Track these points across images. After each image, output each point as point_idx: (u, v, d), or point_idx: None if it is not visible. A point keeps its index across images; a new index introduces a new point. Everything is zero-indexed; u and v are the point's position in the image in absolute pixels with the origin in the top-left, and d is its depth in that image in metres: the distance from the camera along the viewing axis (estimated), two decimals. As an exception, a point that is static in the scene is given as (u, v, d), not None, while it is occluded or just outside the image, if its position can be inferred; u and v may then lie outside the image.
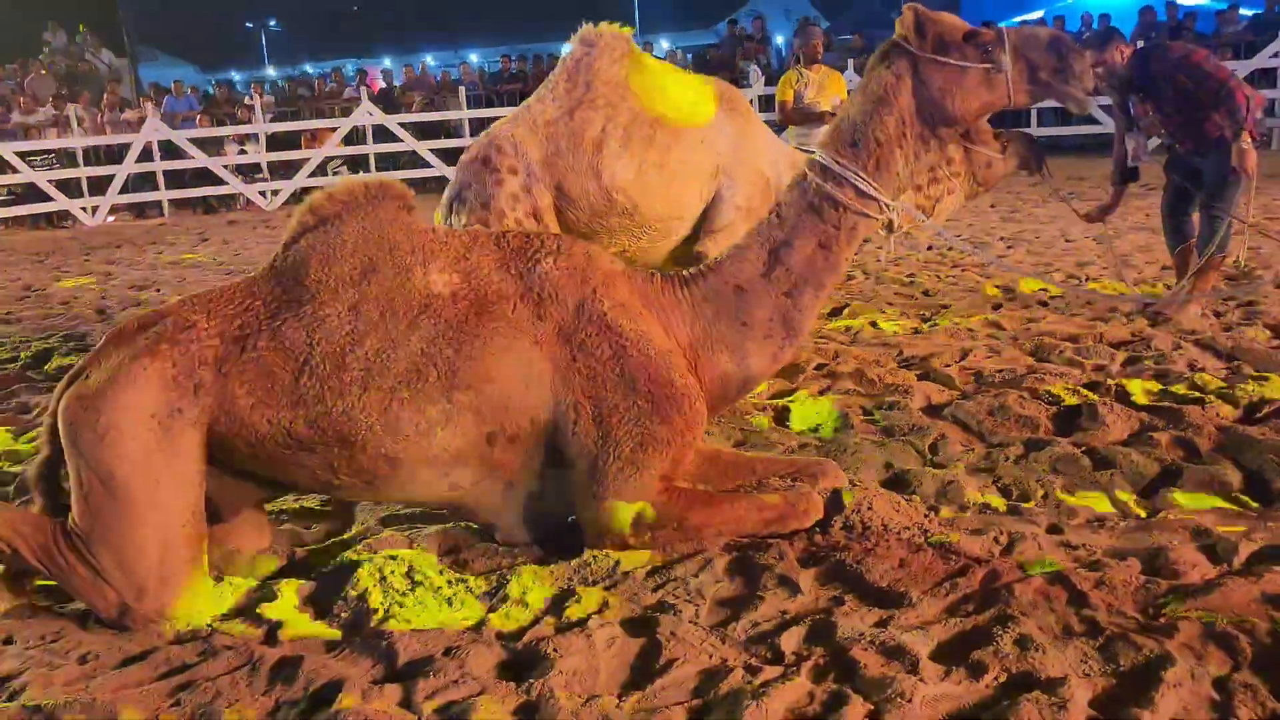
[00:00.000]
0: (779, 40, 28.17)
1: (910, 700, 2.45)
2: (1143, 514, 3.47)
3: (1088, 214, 6.58)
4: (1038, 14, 26.50)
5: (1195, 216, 6.00)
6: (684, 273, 3.61)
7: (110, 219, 15.67)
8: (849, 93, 5.85)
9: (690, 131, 5.22)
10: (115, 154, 16.28)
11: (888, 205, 3.47)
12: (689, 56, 21.28)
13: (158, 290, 9.17)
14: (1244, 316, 5.69)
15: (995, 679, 2.54)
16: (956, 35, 3.43)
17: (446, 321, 3.21)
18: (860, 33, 19.53)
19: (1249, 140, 5.56)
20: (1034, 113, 15.70)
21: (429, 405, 3.15)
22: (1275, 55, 14.75)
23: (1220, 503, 3.51)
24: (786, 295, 3.49)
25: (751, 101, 16.89)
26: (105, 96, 17.95)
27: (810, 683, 2.58)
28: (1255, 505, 3.50)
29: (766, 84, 16.95)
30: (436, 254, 3.31)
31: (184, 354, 3.09)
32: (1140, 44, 6.31)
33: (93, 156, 16.36)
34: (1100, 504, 3.56)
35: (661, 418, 3.28)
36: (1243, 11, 17.74)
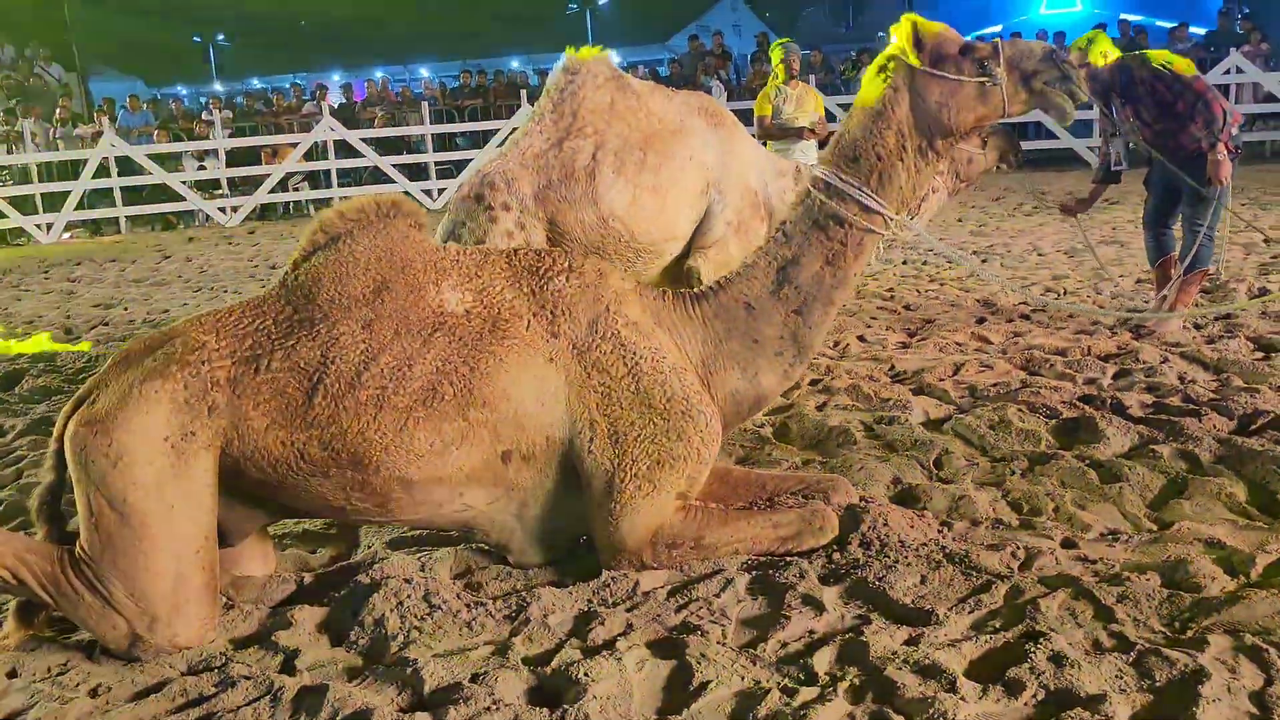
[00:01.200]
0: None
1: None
2: (1154, 527, 3.49)
3: (1063, 204, 6.75)
4: (995, 28, 26.93)
5: (1176, 229, 6.09)
6: (695, 290, 3.60)
7: (66, 236, 15.38)
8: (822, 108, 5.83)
9: (679, 150, 5.17)
10: (69, 170, 16.00)
11: (892, 219, 3.48)
12: (645, 71, 21.33)
13: (125, 309, 9.00)
14: (1225, 329, 5.77)
15: (1034, 696, 2.54)
16: (953, 48, 3.45)
17: (461, 339, 3.17)
18: (816, 49, 19.65)
19: (1224, 152, 5.66)
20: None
21: (445, 424, 3.10)
22: (1228, 72, 15.04)
23: (1230, 515, 3.53)
24: (796, 313, 3.48)
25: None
26: (57, 111, 17.62)
27: (849, 704, 2.57)
28: (1264, 517, 3.52)
29: (729, 99, 17.05)
30: (449, 272, 3.27)
31: (195, 375, 3.02)
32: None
33: (45, 173, 16.06)
34: (1112, 518, 3.57)
35: (678, 435, 3.26)
36: (1193, 29, 18.14)
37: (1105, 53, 5.96)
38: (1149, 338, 5.66)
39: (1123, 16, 21.34)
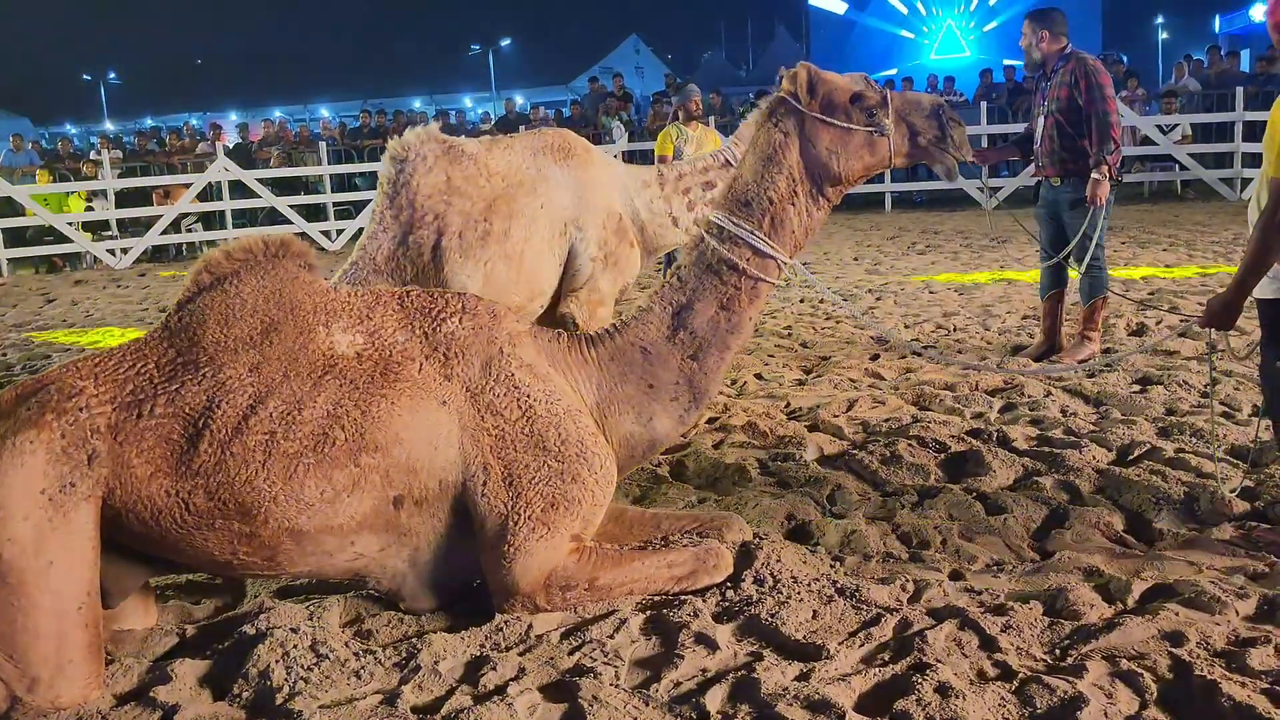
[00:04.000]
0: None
1: (842, 754, 2.46)
2: (1037, 557, 3.59)
3: (976, 154, 6.73)
4: (891, 71, 27.72)
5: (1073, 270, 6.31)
6: (590, 333, 3.60)
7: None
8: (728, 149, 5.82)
9: (527, 203, 4.93)
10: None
11: (785, 263, 3.53)
12: (550, 113, 21.46)
13: (3, 355, 8.69)
14: (1105, 364, 5.97)
15: (921, 728, 2.57)
16: (844, 97, 3.53)
17: (352, 382, 3.12)
18: (716, 91, 20.01)
19: (1105, 173, 5.92)
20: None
21: (336, 470, 3.05)
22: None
23: (1108, 543, 3.65)
24: (692, 358, 3.50)
25: (617, 157, 17.20)
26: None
27: (740, 741, 2.57)
28: (1140, 545, 3.65)
29: (630, 139, 17.23)
30: (340, 313, 3.22)
31: (73, 423, 2.92)
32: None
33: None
34: (997, 549, 3.66)
35: (572, 478, 3.25)
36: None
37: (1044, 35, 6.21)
38: (1033, 374, 5.84)
39: (1007, 62, 22.15)
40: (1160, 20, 49.22)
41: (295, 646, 3.04)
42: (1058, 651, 2.91)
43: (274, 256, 3.23)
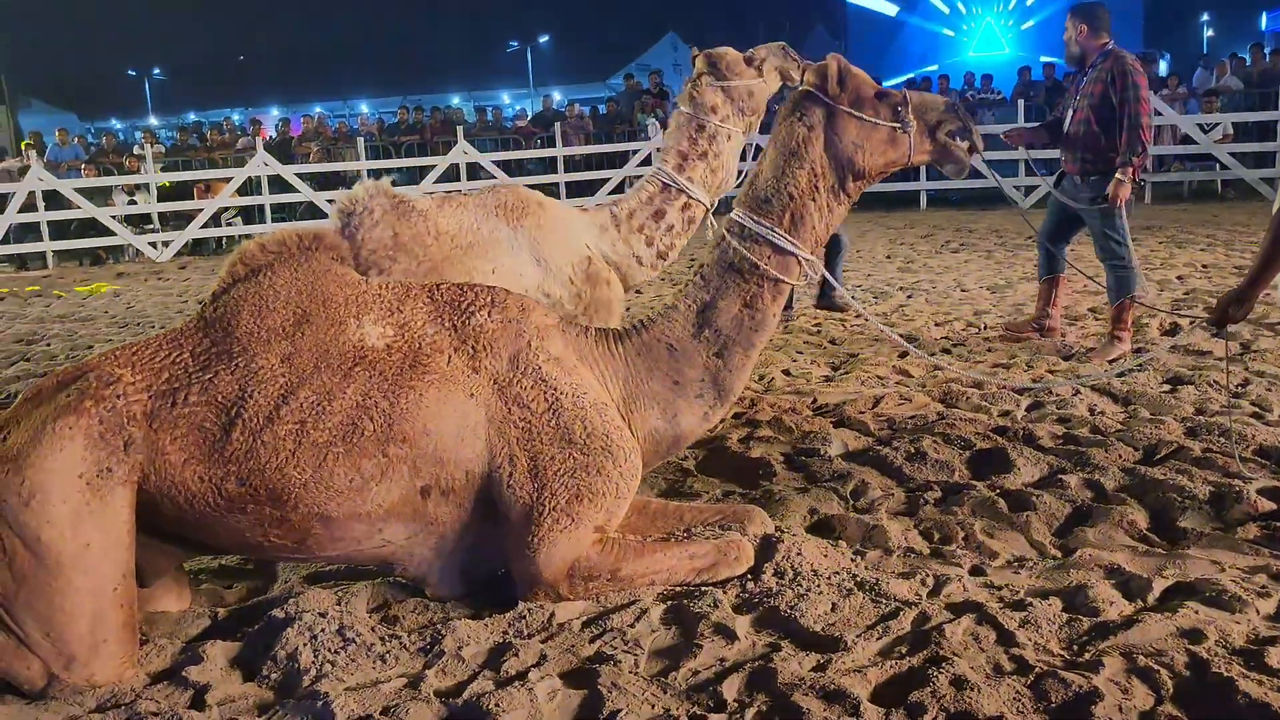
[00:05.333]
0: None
1: (855, 743, 2.49)
2: (1059, 554, 3.60)
3: (1007, 133, 6.83)
4: (932, 68, 27.55)
5: (1068, 250, 6.36)
6: (618, 328, 3.64)
7: (-9, 270, 15.11)
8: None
9: (479, 266, 4.57)
10: (-1, 203, 15.76)
11: (806, 260, 3.56)
12: (586, 109, 21.51)
13: (46, 345, 8.86)
14: (1135, 365, 5.94)
15: (934, 718, 2.60)
16: (871, 91, 3.57)
17: (381, 374, 3.19)
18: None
19: (1129, 175, 5.91)
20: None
21: (364, 460, 3.11)
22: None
23: (1130, 541, 3.65)
24: (716, 356, 3.54)
25: (649, 156, 17.24)
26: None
27: (756, 729, 2.61)
28: (1163, 543, 3.65)
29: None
30: (370, 306, 3.29)
31: (110, 410, 3.00)
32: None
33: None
34: (1019, 545, 3.67)
35: (597, 470, 3.30)
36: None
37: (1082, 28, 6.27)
38: (1063, 371, 5.83)
39: (1045, 59, 21.99)
40: (1205, 18, 48.57)
41: (323, 630, 3.11)
42: (1075, 647, 2.93)
43: (307, 250, 3.30)
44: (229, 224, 16.69)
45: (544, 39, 57.85)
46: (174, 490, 3.05)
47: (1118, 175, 5.92)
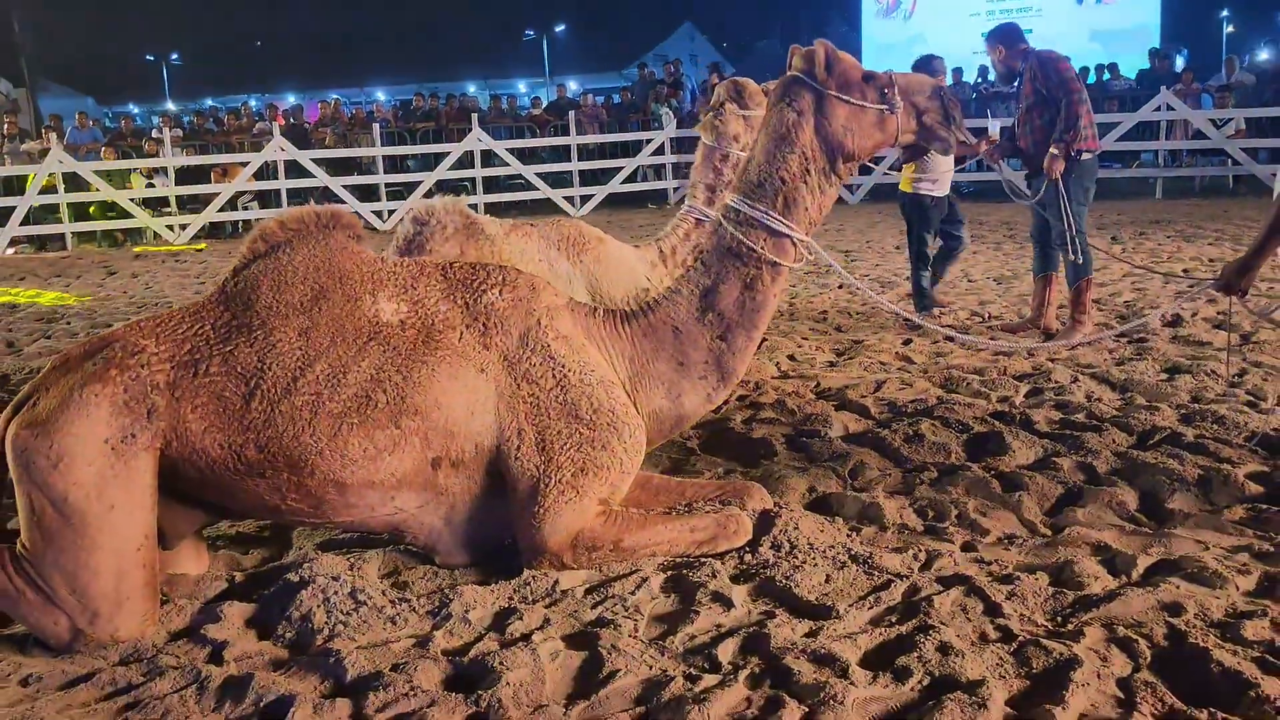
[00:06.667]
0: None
1: (842, 702, 2.61)
2: (1049, 533, 3.70)
3: (986, 152, 7.02)
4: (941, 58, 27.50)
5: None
6: (625, 310, 3.75)
7: (9, 251, 15.29)
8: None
9: None
10: (15, 185, 15.92)
11: (801, 241, 3.66)
12: (600, 99, 21.61)
13: (67, 323, 9.02)
14: (1135, 352, 6.04)
15: (920, 682, 2.71)
16: (858, 75, 3.67)
17: (395, 349, 3.31)
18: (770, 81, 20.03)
19: (1062, 150, 6.15)
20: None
21: (377, 430, 3.24)
22: (1158, 109, 15.56)
23: (1119, 521, 3.75)
24: (720, 339, 3.65)
25: (663, 145, 17.35)
26: (4, 126, 17.54)
27: (748, 689, 2.73)
28: (1150, 523, 3.75)
29: (678, 127, 17.35)
30: (385, 283, 3.41)
31: (135, 379, 3.13)
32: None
33: (-10, 188, 15.99)
34: (1010, 524, 3.78)
35: (602, 445, 3.41)
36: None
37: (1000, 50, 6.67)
38: (1062, 360, 5.93)
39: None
40: (1225, 14, 48.31)
41: (335, 593, 3.24)
42: (1059, 618, 3.04)
43: (325, 227, 3.42)
44: (245, 207, 16.86)
45: (560, 28, 57.83)
46: (195, 456, 3.18)
47: (1051, 150, 6.17)
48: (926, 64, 6.97)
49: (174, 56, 56.71)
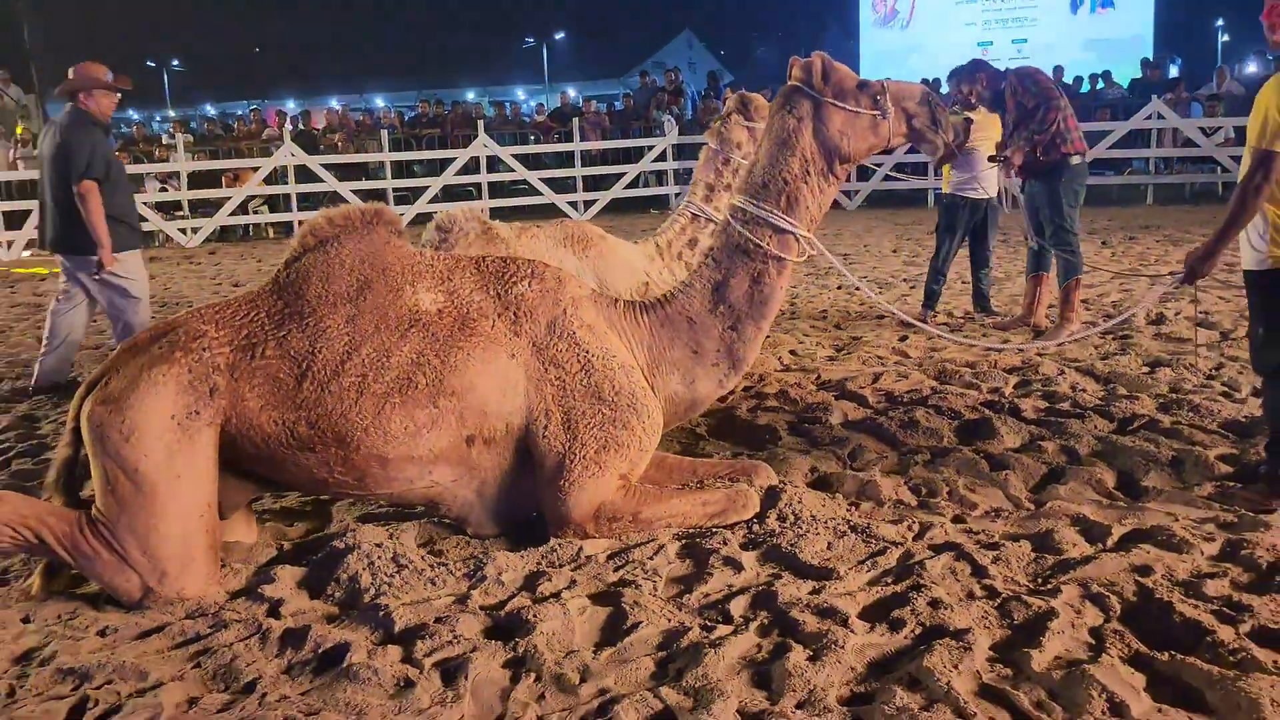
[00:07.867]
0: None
1: (843, 647, 2.92)
2: (1032, 507, 4.01)
3: (990, 156, 7.22)
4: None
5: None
6: (643, 301, 4.06)
7: (26, 254, 15.58)
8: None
9: None
10: (29, 189, 16.21)
11: (803, 237, 3.97)
12: (602, 106, 21.93)
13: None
14: (1119, 348, 6.36)
15: (912, 631, 3.03)
16: (852, 83, 3.99)
17: (433, 335, 3.61)
18: (769, 89, 20.37)
19: (1019, 149, 6.52)
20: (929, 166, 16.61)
21: (417, 410, 3.54)
22: (1149, 117, 15.91)
23: (1097, 496, 4.07)
24: (731, 329, 3.96)
25: (664, 152, 17.69)
26: (19, 132, 17.85)
27: (758, 637, 3.04)
28: (1126, 498, 4.06)
29: (680, 133, 17.68)
30: (424, 275, 3.72)
31: (198, 361, 3.44)
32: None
33: (3, 192, 16.26)
34: (997, 499, 4.09)
35: (623, 425, 3.72)
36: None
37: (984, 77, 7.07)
38: (1050, 355, 6.24)
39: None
40: (1220, 24, 48.73)
41: (379, 558, 3.54)
42: (1039, 579, 3.35)
43: (369, 223, 3.73)
44: (255, 211, 17.16)
45: (559, 35, 58.26)
46: (251, 431, 3.48)
47: (1019, 144, 6.54)
48: (975, 68, 7.19)
49: (175, 63, 57.03)
